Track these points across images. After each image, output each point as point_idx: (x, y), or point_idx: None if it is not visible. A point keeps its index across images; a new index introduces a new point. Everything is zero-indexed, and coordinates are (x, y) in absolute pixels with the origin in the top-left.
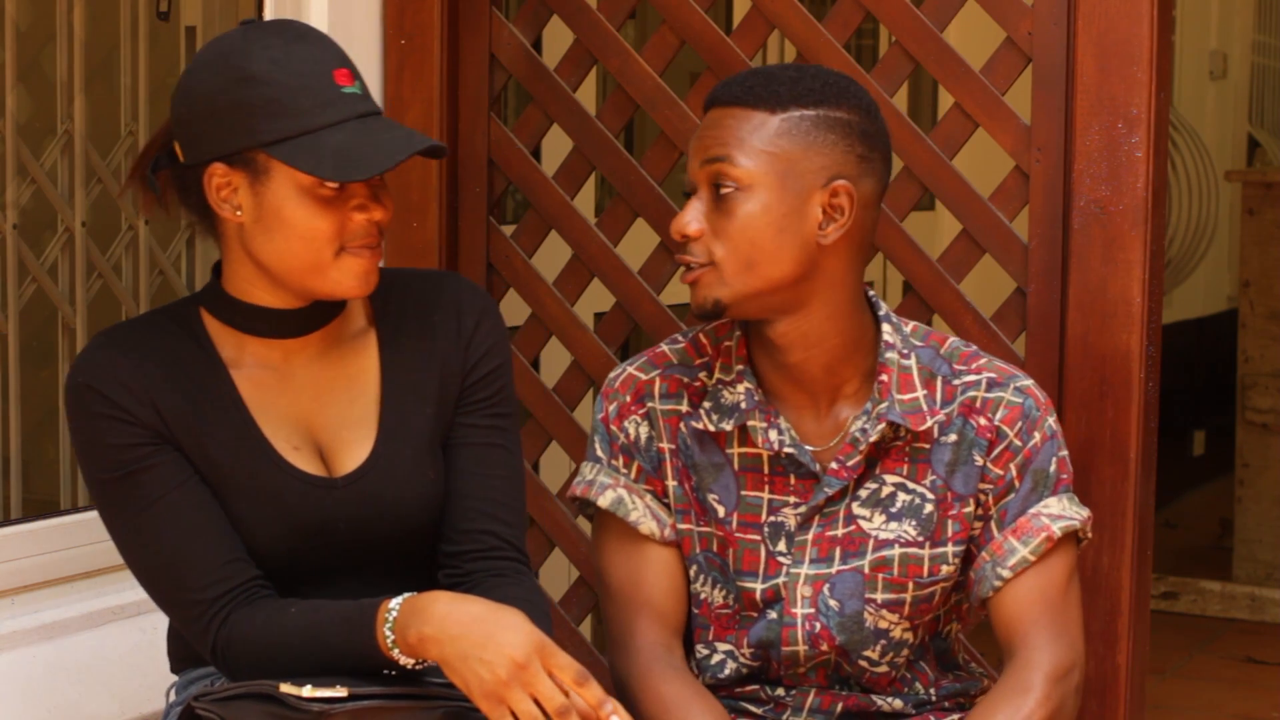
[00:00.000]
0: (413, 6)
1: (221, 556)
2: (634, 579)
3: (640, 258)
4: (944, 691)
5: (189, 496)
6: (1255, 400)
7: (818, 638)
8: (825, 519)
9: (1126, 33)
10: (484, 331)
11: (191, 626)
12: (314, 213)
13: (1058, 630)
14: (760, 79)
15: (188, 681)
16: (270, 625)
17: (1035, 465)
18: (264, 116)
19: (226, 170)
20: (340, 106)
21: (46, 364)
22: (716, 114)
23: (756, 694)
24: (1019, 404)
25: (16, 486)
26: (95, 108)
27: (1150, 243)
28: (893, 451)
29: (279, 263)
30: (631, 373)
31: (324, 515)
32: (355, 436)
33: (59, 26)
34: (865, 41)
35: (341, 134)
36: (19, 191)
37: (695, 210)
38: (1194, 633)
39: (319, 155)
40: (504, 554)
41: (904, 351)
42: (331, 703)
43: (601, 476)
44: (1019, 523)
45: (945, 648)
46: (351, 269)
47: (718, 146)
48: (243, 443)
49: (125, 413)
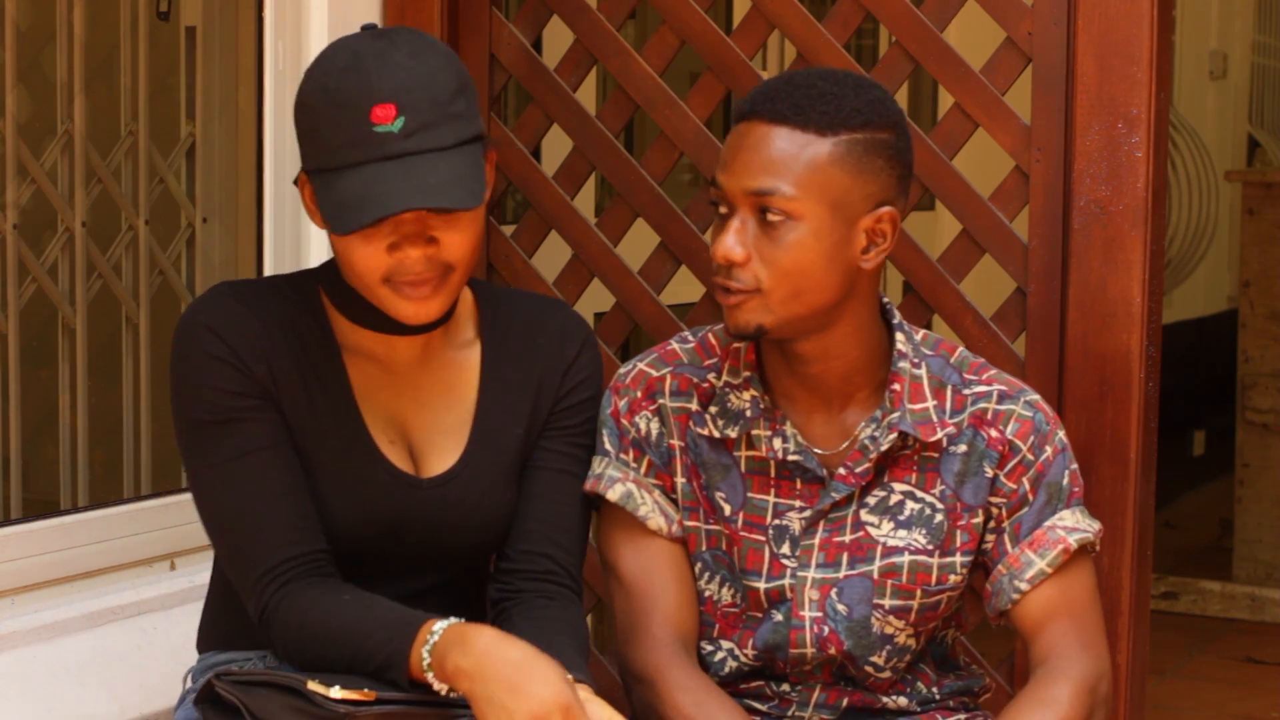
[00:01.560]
0: (413, 6)
1: (296, 523)
2: (647, 573)
3: (640, 258)
4: (947, 690)
5: (279, 459)
6: (1255, 400)
7: (825, 641)
8: (831, 524)
9: (1126, 33)
10: (583, 361)
11: (249, 584)
12: (350, 244)
13: (1084, 642)
14: (806, 95)
15: (205, 667)
16: (317, 607)
17: (1049, 479)
18: (306, 143)
19: (305, 181)
20: (365, 147)
21: (46, 364)
22: (761, 131)
23: (761, 690)
24: (1030, 418)
25: (16, 486)
26: (95, 108)
27: (1150, 243)
28: (901, 460)
29: (345, 277)
30: (643, 369)
31: (402, 512)
32: (446, 442)
33: (59, 26)
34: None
35: (357, 177)
36: (19, 191)
37: (739, 235)
38: (1194, 633)
39: (326, 196)
40: (558, 579)
41: (915, 361)
42: (358, 705)
43: (610, 470)
44: (1035, 535)
45: (943, 652)
46: (397, 303)
47: (767, 176)
48: (342, 425)
49: (241, 362)
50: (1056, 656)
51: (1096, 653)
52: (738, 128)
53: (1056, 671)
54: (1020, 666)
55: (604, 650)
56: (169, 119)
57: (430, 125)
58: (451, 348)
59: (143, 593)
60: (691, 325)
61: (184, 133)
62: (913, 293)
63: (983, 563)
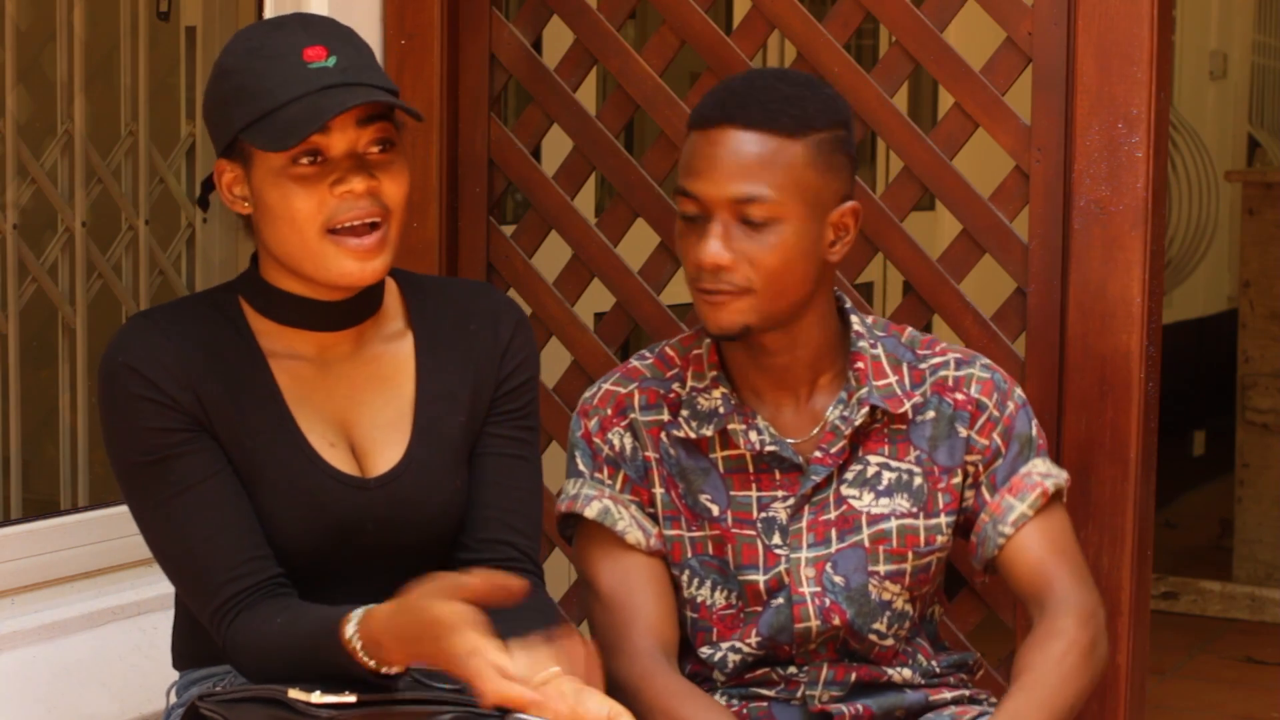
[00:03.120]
0: (413, 6)
1: (245, 553)
2: (625, 586)
3: (640, 258)
4: (945, 664)
5: (220, 488)
6: (1255, 400)
7: (828, 612)
8: (815, 506)
9: (1126, 33)
10: (518, 343)
11: (209, 618)
12: (291, 192)
13: (1076, 576)
14: (773, 99)
15: (189, 682)
16: (261, 629)
17: (1017, 431)
18: (236, 104)
19: (226, 164)
20: (304, 81)
21: (46, 364)
22: (735, 137)
23: (767, 676)
24: (988, 378)
25: (16, 486)
26: (95, 108)
27: (1150, 243)
28: (872, 434)
29: (280, 251)
30: (609, 388)
31: (354, 515)
32: (388, 438)
33: (59, 26)
34: (865, 41)
35: (300, 107)
36: (19, 191)
37: (723, 240)
38: (1194, 633)
39: (273, 130)
40: (519, 565)
41: (871, 341)
42: (340, 709)
43: (585, 489)
44: (1012, 482)
45: (933, 630)
46: (340, 255)
47: (748, 181)
48: (279, 436)
49: (166, 396)
50: (1051, 592)
51: (1087, 584)
52: (706, 134)
53: (1056, 605)
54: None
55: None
56: (169, 119)
57: (362, 67)
58: (382, 340)
59: (143, 593)
60: (691, 325)
61: (184, 133)
62: (913, 293)
63: (965, 519)
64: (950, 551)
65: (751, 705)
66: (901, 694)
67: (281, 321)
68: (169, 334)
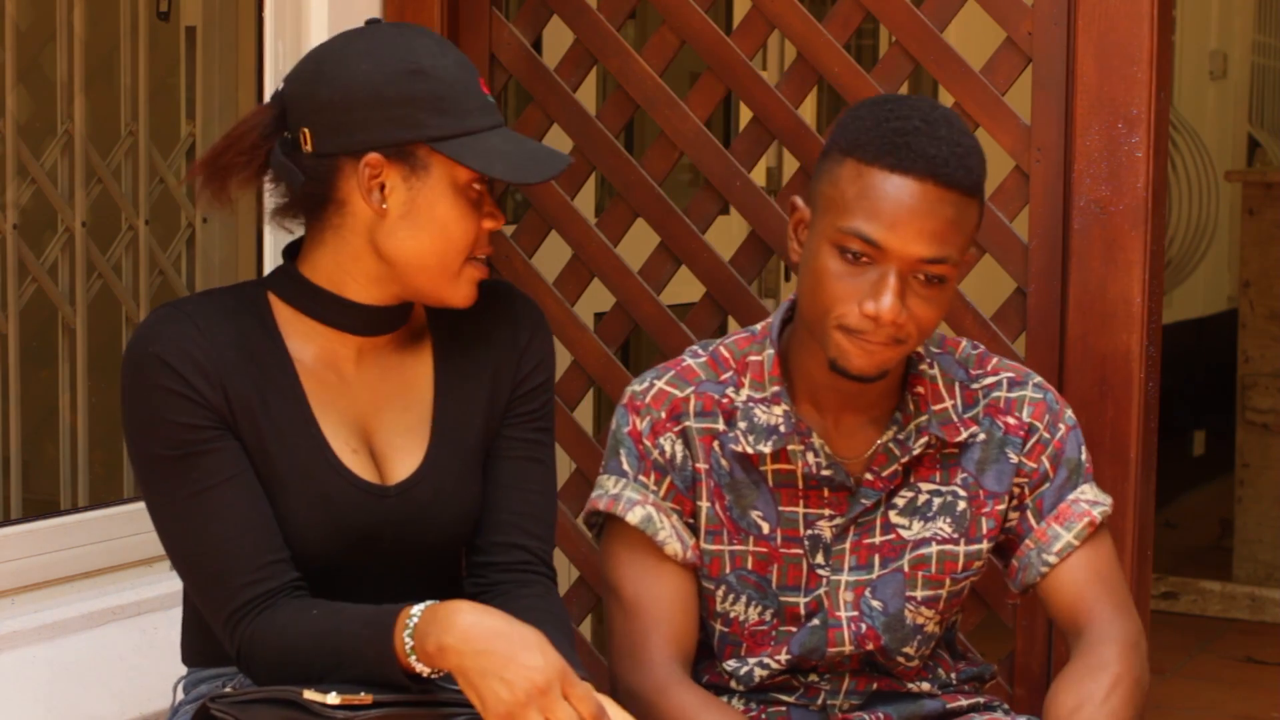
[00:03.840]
0: (413, 6)
1: (263, 556)
2: (652, 595)
3: (640, 258)
4: (963, 675)
5: (241, 489)
6: (1255, 400)
7: (864, 638)
8: (861, 528)
9: (1126, 33)
10: (536, 345)
11: (222, 620)
12: (463, 213)
13: (1119, 605)
14: (959, 152)
15: (197, 680)
16: (290, 626)
17: (1066, 455)
18: (432, 112)
19: (381, 161)
20: (492, 113)
21: (46, 364)
22: (936, 197)
23: (787, 682)
24: (1041, 399)
25: (16, 486)
26: (95, 108)
27: (1150, 243)
28: (925, 460)
29: (414, 260)
30: (663, 388)
31: (372, 522)
32: (407, 443)
33: (59, 26)
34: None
35: (498, 139)
36: (19, 191)
37: (900, 295)
38: (1194, 633)
39: (488, 156)
40: (532, 568)
41: (929, 361)
42: (356, 710)
43: (629, 492)
44: (1059, 509)
45: (952, 638)
46: (470, 278)
47: (942, 245)
48: (302, 441)
49: (195, 392)
50: (1094, 622)
51: (1130, 614)
52: (901, 181)
53: (1099, 636)
54: (1020, 667)
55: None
56: (169, 119)
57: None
58: (402, 344)
59: (143, 593)
60: (691, 325)
61: (184, 133)
62: None
63: (1007, 540)
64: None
65: (770, 710)
66: (920, 703)
67: (327, 323)
68: (201, 328)
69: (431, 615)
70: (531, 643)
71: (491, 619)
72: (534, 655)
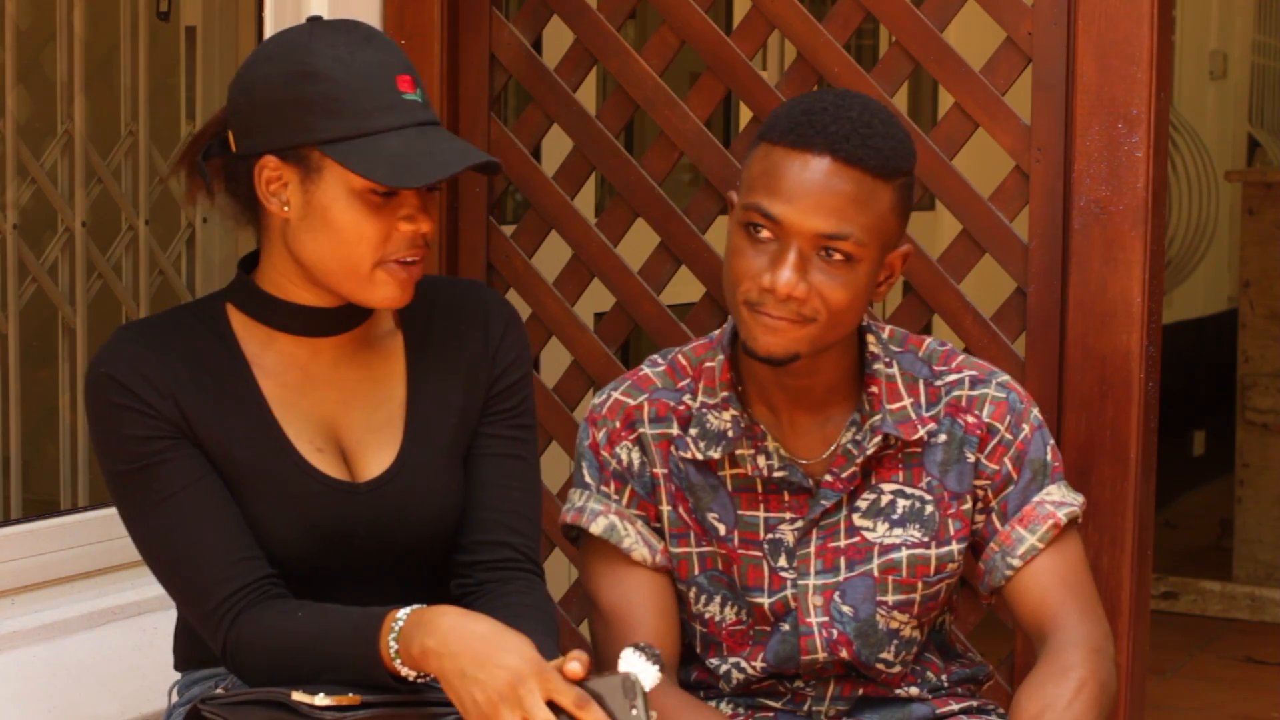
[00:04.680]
0: (413, 6)
1: (234, 554)
2: (626, 602)
3: (640, 258)
4: (955, 677)
5: (204, 493)
6: (1255, 400)
7: (836, 644)
8: (824, 531)
9: (1126, 33)
10: (510, 342)
11: (204, 623)
12: (361, 217)
13: (1084, 609)
14: (870, 134)
15: (190, 682)
16: (277, 627)
17: (1030, 456)
18: (322, 114)
19: (278, 164)
20: (400, 112)
21: (46, 364)
22: (832, 170)
23: (774, 688)
24: (1003, 399)
25: (16, 486)
26: (95, 108)
27: (1150, 243)
28: (885, 460)
29: (319, 263)
30: (618, 398)
31: (344, 520)
32: (379, 441)
33: (59, 26)
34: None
35: (399, 140)
36: (19, 191)
37: (797, 270)
38: (1194, 633)
39: (374, 159)
40: (518, 565)
41: (887, 360)
42: (344, 710)
43: (592, 503)
44: (1024, 512)
45: (943, 639)
46: (388, 282)
47: (841, 221)
48: (265, 443)
49: (145, 405)
50: (1058, 627)
51: (1096, 617)
52: (800, 156)
53: (1063, 641)
54: (1020, 666)
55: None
56: (169, 119)
57: (428, 101)
58: (372, 342)
59: (143, 593)
60: (691, 325)
61: (184, 133)
62: (913, 293)
63: (974, 543)
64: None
65: (758, 716)
66: (908, 708)
67: (278, 328)
68: (150, 344)
69: (417, 619)
70: (510, 645)
71: (474, 623)
72: (510, 656)
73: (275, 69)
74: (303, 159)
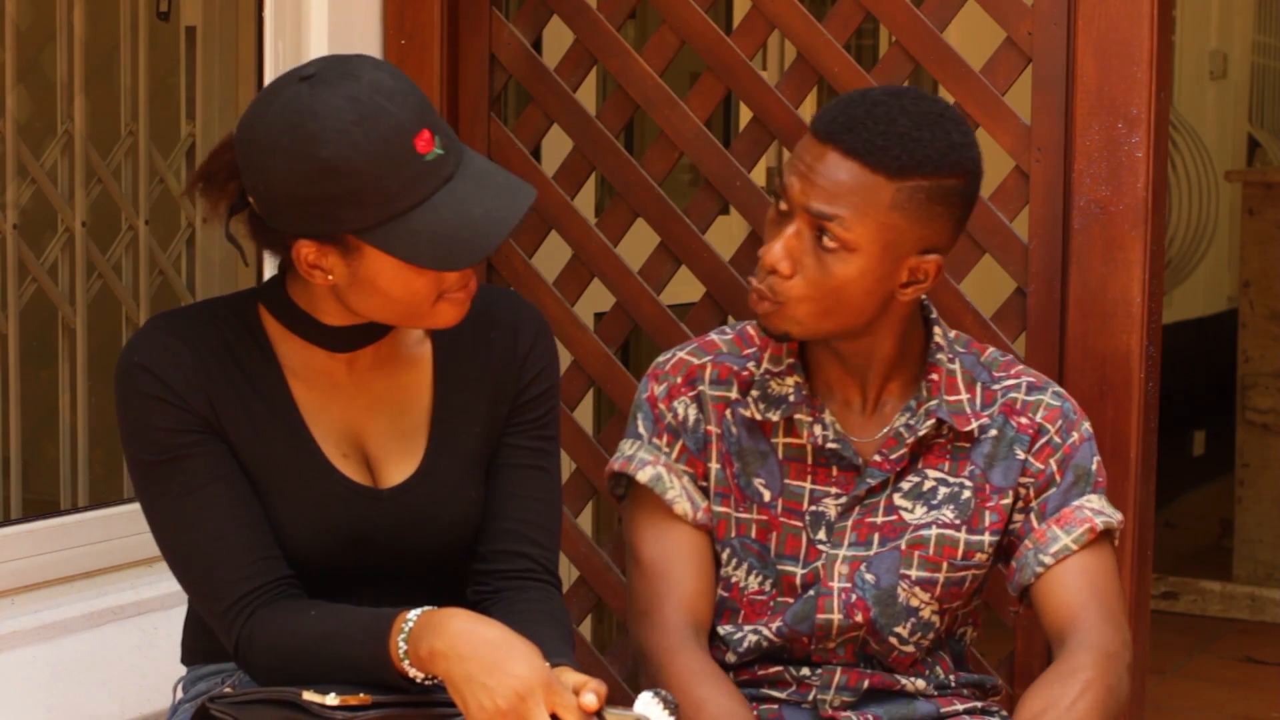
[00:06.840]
0: (413, 6)
1: (254, 553)
2: (666, 557)
3: (640, 258)
4: (963, 680)
5: (229, 490)
6: (1255, 400)
7: (853, 608)
8: (865, 508)
9: (1126, 33)
10: (539, 352)
11: (218, 619)
12: (412, 276)
13: (1106, 615)
14: (884, 134)
15: (196, 678)
16: (289, 626)
17: (1076, 461)
18: (350, 206)
19: (316, 247)
20: (427, 179)
21: (46, 364)
22: (833, 159)
23: (780, 675)
24: (1058, 406)
25: (16, 486)
26: (95, 108)
27: (1150, 243)
28: (935, 448)
29: (373, 314)
30: (683, 357)
31: (365, 525)
32: (404, 449)
33: (59, 26)
34: (865, 41)
35: (432, 213)
36: (19, 191)
37: (790, 246)
38: (1194, 633)
39: (415, 242)
40: (535, 576)
41: (950, 355)
42: (355, 710)
43: (641, 453)
44: (1062, 513)
45: (959, 650)
46: (448, 310)
47: (831, 203)
48: (292, 445)
49: (177, 398)
50: (1076, 630)
51: (1116, 624)
52: (816, 144)
53: (1077, 644)
54: (1020, 666)
55: (604, 650)
56: (169, 119)
57: (448, 130)
58: (401, 349)
59: (143, 593)
60: (691, 325)
61: (184, 133)
62: None
63: (1009, 542)
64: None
65: (762, 707)
66: (913, 703)
67: (300, 335)
68: (185, 337)
69: (426, 621)
70: (519, 652)
71: (484, 627)
72: (519, 664)
73: (287, 163)
74: (340, 241)
